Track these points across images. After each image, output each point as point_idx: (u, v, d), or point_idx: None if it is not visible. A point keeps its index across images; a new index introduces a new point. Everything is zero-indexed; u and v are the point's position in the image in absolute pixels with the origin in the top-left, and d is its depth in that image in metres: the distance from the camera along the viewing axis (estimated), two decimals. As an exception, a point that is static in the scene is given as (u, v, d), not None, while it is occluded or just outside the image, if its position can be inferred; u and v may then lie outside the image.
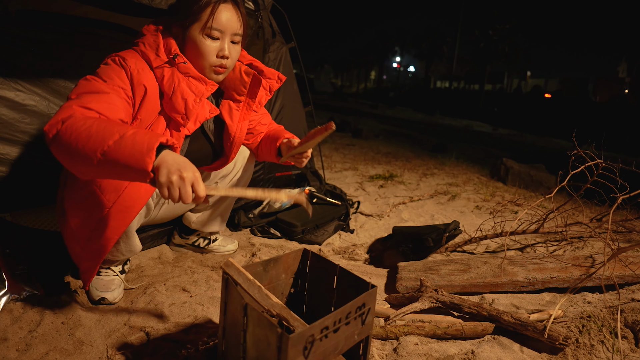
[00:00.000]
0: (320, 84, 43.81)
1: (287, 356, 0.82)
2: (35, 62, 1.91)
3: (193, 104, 1.29)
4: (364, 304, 0.97)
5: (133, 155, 0.95)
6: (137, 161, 0.95)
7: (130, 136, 0.97)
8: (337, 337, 0.93)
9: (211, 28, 1.28)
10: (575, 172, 1.89)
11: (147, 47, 1.28)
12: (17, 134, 1.87)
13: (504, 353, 1.26)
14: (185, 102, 1.28)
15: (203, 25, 1.28)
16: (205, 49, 1.30)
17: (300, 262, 1.24)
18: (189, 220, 1.82)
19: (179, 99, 1.27)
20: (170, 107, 1.29)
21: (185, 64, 1.29)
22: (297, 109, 2.75)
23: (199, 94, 1.31)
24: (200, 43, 1.29)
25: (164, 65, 1.27)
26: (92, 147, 0.97)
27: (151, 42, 1.29)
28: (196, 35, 1.29)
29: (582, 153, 1.87)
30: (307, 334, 0.85)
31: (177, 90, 1.27)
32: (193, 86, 1.30)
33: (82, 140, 0.99)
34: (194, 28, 1.29)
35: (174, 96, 1.27)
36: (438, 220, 2.65)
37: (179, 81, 1.27)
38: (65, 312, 1.36)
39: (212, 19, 1.27)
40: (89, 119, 1.03)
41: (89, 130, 0.99)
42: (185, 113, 1.29)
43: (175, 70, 1.28)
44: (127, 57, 1.23)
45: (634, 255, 1.76)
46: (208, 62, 1.32)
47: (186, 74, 1.29)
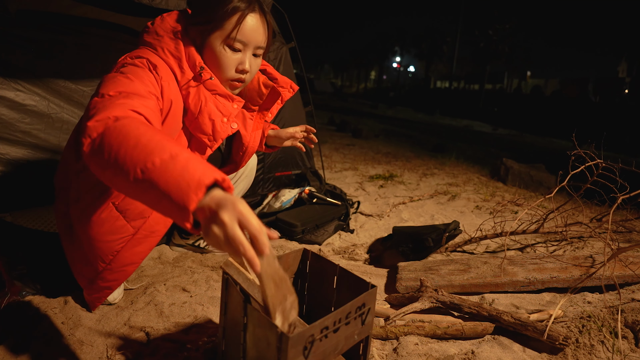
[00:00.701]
0: (320, 84, 43.81)
1: (287, 356, 0.82)
2: (35, 62, 1.91)
3: (221, 125, 1.20)
4: (364, 304, 0.97)
5: (177, 184, 0.73)
6: (181, 193, 0.73)
7: (183, 160, 0.76)
8: (337, 337, 0.93)
9: (234, 39, 1.16)
10: (575, 172, 1.89)
11: (168, 56, 1.14)
12: (17, 134, 1.87)
13: (504, 353, 1.26)
14: (213, 123, 1.19)
15: (226, 35, 1.15)
16: (225, 61, 1.18)
17: (300, 262, 1.24)
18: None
19: (207, 120, 1.18)
20: (196, 126, 1.19)
21: (212, 81, 1.17)
22: (297, 109, 2.75)
23: (226, 113, 1.21)
24: (220, 54, 1.17)
25: (190, 82, 1.16)
26: (135, 158, 0.78)
27: (172, 48, 1.15)
28: (216, 44, 1.17)
29: (582, 153, 1.87)
30: (307, 334, 0.84)
31: (204, 110, 1.17)
32: (221, 105, 1.20)
33: (127, 147, 0.80)
34: (214, 36, 1.16)
35: (201, 116, 1.17)
36: (438, 220, 2.65)
37: (205, 100, 1.17)
38: (65, 312, 1.36)
39: (237, 29, 1.15)
40: (144, 124, 0.86)
41: (139, 137, 0.81)
42: (212, 134, 1.20)
43: (201, 87, 1.17)
44: (159, 65, 1.11)
45: (634, 255, 1.76)
46: (225, 75, 1.21)
47: (213, 92, 1.19)
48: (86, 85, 2.11)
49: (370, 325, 1.02)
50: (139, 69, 1.07)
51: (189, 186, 0.72)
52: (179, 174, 0.74)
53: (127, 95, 0.95)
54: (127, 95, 0.95)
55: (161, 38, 1.15)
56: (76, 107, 2.07)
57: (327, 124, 8.98)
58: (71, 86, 2.05)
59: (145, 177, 0.76)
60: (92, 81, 2.14)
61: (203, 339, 1.27)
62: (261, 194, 2.55)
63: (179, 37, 1.16)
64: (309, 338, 0.84)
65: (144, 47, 1.16)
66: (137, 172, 0.77)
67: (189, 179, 0.73)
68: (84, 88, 2.11)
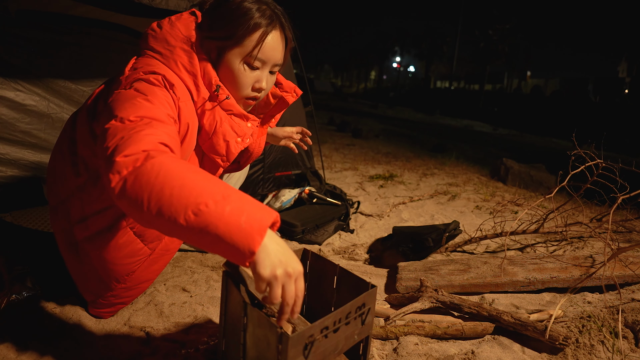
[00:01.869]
0: (320, 84, 43.80)
1: (287, 356, 0.82)
2: (35, 62, 1.91)
3: (235, 145, 1.15)
4: (364, 304, 0.97)
5: (239, 227, 0.71)
6: (244, 237, 0.71)
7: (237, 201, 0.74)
8: (337, 337, 0.93)
9: (255, 58, 1.09)
10: (575, 172, 1.89)
11: (182, 72, 1.05)
12: (17, 134, 1.87)
13: (504, 353, 1.26)
14: (227, 144, 1.14)
15: (246, 53, 1.08)
16: (243, 79, 1.11)
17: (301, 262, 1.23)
18: None
19: (221, 141, 1.13)
20: (210, 147, 1.14)
21: (228, 100, 1.11)
22: (297, 109, 2.74)
23: (241, 134, 1.16)
24: (238, 72, 1.10)
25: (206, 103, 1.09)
26: (184, 200, 0.73)
27: (186, 63, 1.06)
28: (235, 62, 1.09)
29: (582, 153, 1.87)
30: (307, 334, 0.84)
31: (218, 131, 1.11)
32: (236, 125, 1.15)
33: (172, 187, 0.74)
34: (233, 53, 1.08)
35: (215, 137, 1.12)
36: (438, 220, 2.65)
37: (221, 120, 1.11)
38: (65, 312, 1.36)
39: (258, 48, 1.08)
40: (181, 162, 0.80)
41: (183, 178, 0.76)
42: (226, 155, 1.16)
43: (217, 107, 1.11)
44: (175, 83, 1.02)
45: (634, 255, 1.76)
46: (241, 94, 1.15)
47: (229, 112, 1.13)
48: (86, 85, 2.11)
49: (370, 326, 1.02)
50: (156, 87, 0.98)
51: (251, 228, 0.71)
52: (237, 217, 0.72)
53: (150, 123, 0.87)
54: (149, 122, 0.87)
55: (173, 49, 1.06)
56: (76, 107, 2.08)
57: (327, 124, 8.98)
58: (71, 86, 2.05)
59: (199, 220, 0.72)
60: (92, 81, 2.14)
61: (203, 339, 1.27)
62: (261, 194, 2.55)
63: (193, 49, 1.07)
64: (309, 338, 0.84)
65: (151, 57, 1.07)
66: (188, 215, 0.72)
67: (251, 222, 0.72)
68: (84, 88, 2.11)
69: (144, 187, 0.75)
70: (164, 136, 0.86)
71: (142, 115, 0.88)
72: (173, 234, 0.77)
